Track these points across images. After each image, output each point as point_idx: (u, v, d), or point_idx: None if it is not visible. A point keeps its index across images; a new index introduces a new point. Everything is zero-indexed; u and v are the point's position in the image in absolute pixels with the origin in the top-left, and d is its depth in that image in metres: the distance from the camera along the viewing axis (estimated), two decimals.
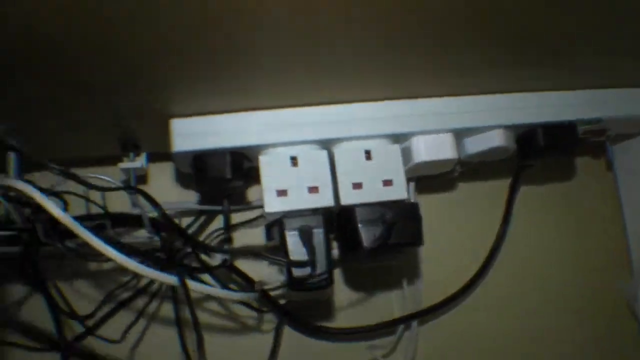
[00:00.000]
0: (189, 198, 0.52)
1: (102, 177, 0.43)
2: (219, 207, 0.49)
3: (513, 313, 0.53)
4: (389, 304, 0.52)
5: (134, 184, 0.48)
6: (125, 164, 0.49)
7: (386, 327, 0.50)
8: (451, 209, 0.53)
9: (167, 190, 0.51)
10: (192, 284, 0.41)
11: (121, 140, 0.49)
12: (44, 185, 0.40)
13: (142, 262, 0.39)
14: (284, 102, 0.46)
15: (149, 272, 0.39)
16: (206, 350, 0.45)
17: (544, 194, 0.55)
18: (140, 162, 0.49)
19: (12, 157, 0.46)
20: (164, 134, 0.46)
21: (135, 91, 0.43)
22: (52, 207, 0.38)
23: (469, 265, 0.52)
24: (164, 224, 0.44)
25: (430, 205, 0.48)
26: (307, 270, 0.44)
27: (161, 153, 0.50)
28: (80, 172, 0.40)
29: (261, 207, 0.49)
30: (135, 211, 0.46)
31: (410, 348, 0.50)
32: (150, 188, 0.51)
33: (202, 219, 0.52)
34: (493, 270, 0.52)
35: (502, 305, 0.53)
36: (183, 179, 0.53)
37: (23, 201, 0.40)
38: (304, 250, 0.44)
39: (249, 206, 0.51)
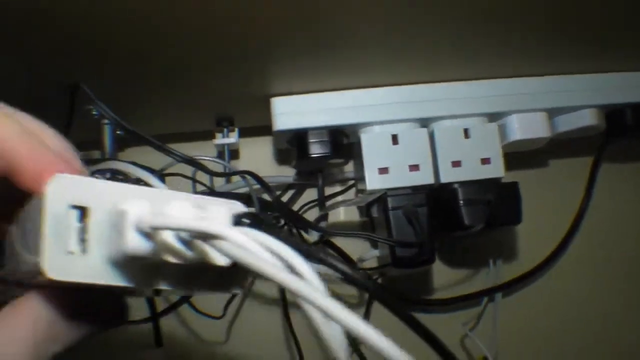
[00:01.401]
0: (278, 172, 0.52)
1: (215, 159, 0.44)
2: (315, 182, 0.50)
3: (594, 285, 0.54)
4: (475, 277, 0.53)
5: (228, 159, 0.49)
6: (220, 140, 0.49)
7: (471, 299, 0.52)
8: (534, 183, 0.54)
9: (257, 164, 0.51)
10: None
11: (217, 116, 0.49)
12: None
13: None
14: (384, 80, 0.46)
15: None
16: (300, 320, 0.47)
17: (627, 170, 0.56)
18: (234, 137, 0.49)
19: (107, 133, 0.46)
20: (262, 110, 0.47)
21: (239, 73, 0.43)
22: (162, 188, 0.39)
23: (551, 239, 0.53)
24: (274, 203, 0.45)
25: (514, 180, 0.49)
26: (411, 249, 0.45)
27: (251, 127, 0.51)
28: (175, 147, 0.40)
29: (353, 181, 0.50)
30: (241, 190, 0.46)
31: (494, 319, 0.52)
32: (241, 163, 0.52)
33: (290, 193, 0.52)
34: (575, 243, 0.53)
35: (583, 278, 0.54)
36: (274, 154, 0.53)
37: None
38: (407, 228, 0.45)
39: (344, 182, 0.52)
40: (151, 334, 0.49)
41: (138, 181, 0.40)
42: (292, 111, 0.46)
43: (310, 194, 0.52)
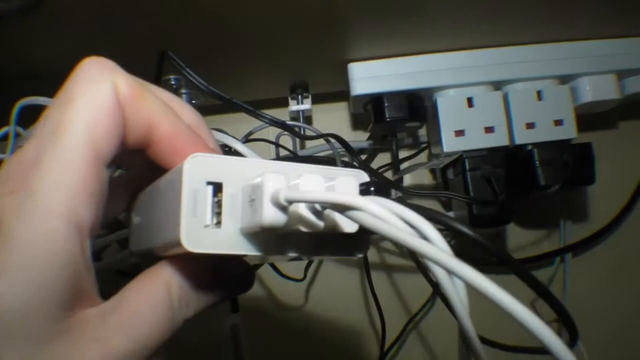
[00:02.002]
0: (351, 137, 0.53)
1: (300, 124, 0.45)
2: (389, 146, 0.51)
3: None
4: (545, 238, 0.54)
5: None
6: (295, 107, 0.50)
7: (543, 260, 0.53)
8: (603, 144, 0.54)
9: (330, 130, 0.52)
10: None
11: (291, 83, 0.50)
12: None
13: None
14: (458, 44, 0.47)
15: None
16: (379, 282, 0.48)
17: None
18: (308, 103, 0.50)
19: (184, 101, 0.47)
20: (336, 76, 0.48)
21: (318, 39, 0.44)
22: (251, 154, 0.40)
23: (618, 200, 0.54)
24: (357, 165, 0.46)
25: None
26: (489, 208, 0.46)
27: (323, 94, 0.52)
28: None
29: (424, 145, 0.51)
30: (322, 154, 0.47)
31: (565, 280, 0.53)
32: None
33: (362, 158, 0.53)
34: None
35: None
36: (348, 119, 0.54)
37: None
38: (484, 188, 0.46)
39: (415, 146, 0.53)
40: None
41: (224, 147, 0.42)
42: (369, 76, 0.47)
43: (381, 159, 0.53)
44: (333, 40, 0.45)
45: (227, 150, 0.43)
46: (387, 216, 0.19)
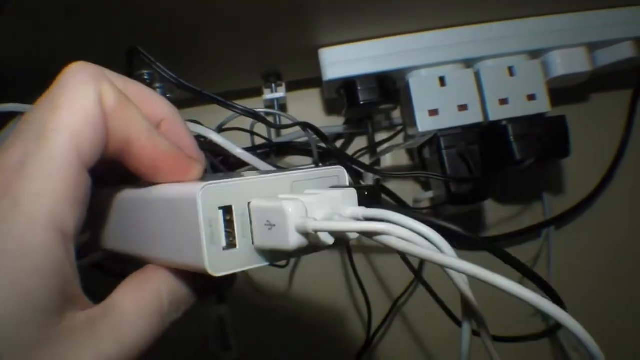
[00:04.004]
0: (327, 123, 0.53)
1: (274, 111, 0.45)
2: (365, 130, 0.51)
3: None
4: (524, 213, 0.54)
5: None
6: (269, 95, 0.50)
7: (524, 235, 0.53)
8: (576, 117, 0.55)
9: (306, 117, 0.52)
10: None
11: (264, 72, 0.50)
12: None
13: None
14: (428, 25, 0.47)
15: None
16: (361, 267, 0.48)
17: None
18: (282, 92, 0.50)
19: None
20: (308, 62, 0.48)
21: (287, 26, 0.44)
22: (227, 143, 0.40)
23: (596, 172, 0.54)
24: (333, 152, 0.46)
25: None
26: (466, 185, 0.46)
27: (296, 81, 0.52)
28: None
29: (401, 127, 0.51)
30: (298, 140, 0.48)
31: (549, 254, 0.53)
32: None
33: (339, 143, 0.53)
34: (618, 175, 0.54)
35: (629, 207, 0.56)
36: (322, 105, 0.54)
37: None
38: (461, 166, 0.46)
39: (391, 129, 0.53)
40: None
41: (199, 138, 0.42)
42: (340, 61, 0.47)
43: (358, 143, 0.53)
44: (301, 26, 0.45)
45: (203, 141, 0.43)
46: (411, 237, 0.22)
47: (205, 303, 0.51)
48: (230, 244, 0.22)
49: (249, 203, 0.23)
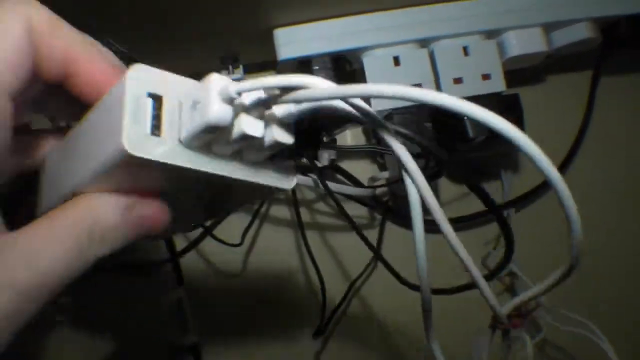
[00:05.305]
0: None
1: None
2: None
3: (599, 197, 0.56)
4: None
5: None
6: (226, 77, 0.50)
7: (483, 216, 0.53)
8: (536, 99, 0.55)
9: None
10: (330, 184, 0.43)
11: (221, 54, 0.51)
12: None
13: None
14: (383, 5, 0.48)
15: None
16: (316, 246, 0.48)
17: (626, 83, 0.57)
18: (239, 74, 0.51)
19: None
20: (265, 44, 0.48)
21: (241, 6, 0.44)
22: None
23: (557, 153, 0.54)
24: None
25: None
26: (418, 162, 0.46)
27: (255, 64, 0.52)
28: None
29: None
30: None
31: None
32: None
33: None
34: (578, 157, 0.54)
35: (589, 191, 0.55)
36: None
37: None
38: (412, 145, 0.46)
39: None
40: (172, 274, 0.50)
41: None
42: (295, 40, 0.47)
43: None
44: (256, 6, 0.45)
45: None
46: (335, 86, 0.22)
47: (165, 285, 0.51)
48: (155, 134, 0.22)
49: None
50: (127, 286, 0.50)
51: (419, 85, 0.47)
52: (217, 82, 0.21)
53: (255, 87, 0.21)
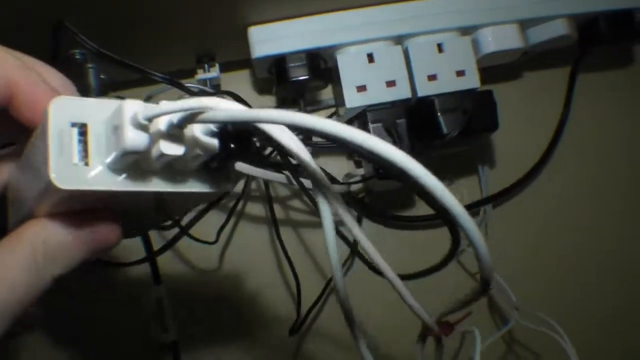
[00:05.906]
0: (260, 103, 0.54)
1: (197, 86, 0.46)
2: (297, 109, 0.51)
3: (578, 194, 0.56)
4: (464, 191, 0.54)
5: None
6: (202, 76, 0.51)
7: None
8: (514, 97, 0.55)
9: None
10: (304, 181, 0.43)
11: (197, 53, 0.51)
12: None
13: None
14: (358, 2, 0.48)
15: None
16: (293, 243, 0.48)
17: (604, 80, 0.57)
18: (215, 72, 0.51)
19: (92, 78, 0.48)
20: (240, 43, 0.48)
21: (216, 4, 0.44)
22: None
23: (534, 150, 0.54)
24: None
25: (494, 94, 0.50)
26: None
27: (231, 62, 0.52)
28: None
29: (334, 106, 0.51)
30: None
31: (485, 232, 0.53)
32: None
33: None
34: (555, 155, 0.54)
35: (567, 188, 0.55)
36: (255, 85, 0.54)
37: None
38: (387, 140, 0.46)
39: (325, 109, 0.53)
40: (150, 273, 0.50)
41: None
42: (269, 38, 0.48)
43: None
44: (228, 5, 0.45)
45: None
46: (236, 106, 0.21)
47: (144, 285, 0.51)
48: (83, 163, 0.22)
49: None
50: (104, 285, 0.51)
51: (393, 82, 0.47)
52: (130, 109, 0.21)
53: (162, 112, 0.21)
